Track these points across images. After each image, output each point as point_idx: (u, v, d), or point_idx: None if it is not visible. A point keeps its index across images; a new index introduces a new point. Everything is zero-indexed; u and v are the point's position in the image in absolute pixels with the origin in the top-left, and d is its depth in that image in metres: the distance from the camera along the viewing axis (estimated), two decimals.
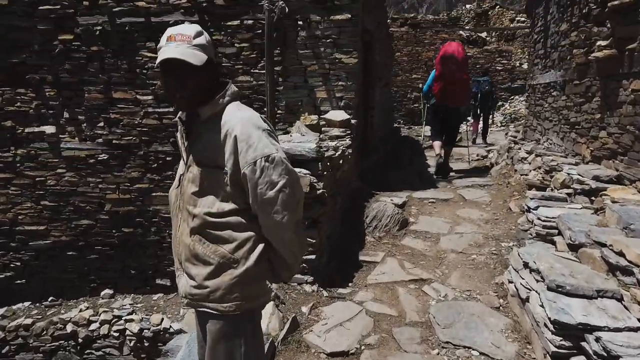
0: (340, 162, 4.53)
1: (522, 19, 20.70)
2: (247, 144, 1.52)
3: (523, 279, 3.05)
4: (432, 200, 5.71)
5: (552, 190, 4.75)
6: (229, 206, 1.57)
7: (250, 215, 1.59)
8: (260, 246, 1.61)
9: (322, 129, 5.36)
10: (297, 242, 1.65)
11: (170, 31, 1.55)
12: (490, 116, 11.77)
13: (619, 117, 4.13)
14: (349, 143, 5.12)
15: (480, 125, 11.08)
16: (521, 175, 5.82)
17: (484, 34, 21.59)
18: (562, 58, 5.63)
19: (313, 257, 3.46)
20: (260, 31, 5.67)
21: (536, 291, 2.80)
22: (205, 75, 1.56)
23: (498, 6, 23.22)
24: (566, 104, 5.48)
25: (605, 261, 2.88)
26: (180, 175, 1.69)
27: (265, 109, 5.67)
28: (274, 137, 1.62)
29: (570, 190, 4.40)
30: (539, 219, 3.87)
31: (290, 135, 4.58)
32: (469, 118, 17.58)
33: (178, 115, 1.71)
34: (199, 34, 1.56)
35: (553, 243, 3.64)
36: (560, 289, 2.58)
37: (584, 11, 4.78)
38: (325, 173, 3.74)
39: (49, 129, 5.98)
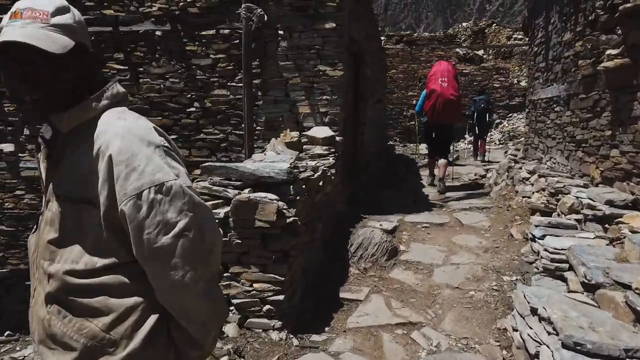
0: (321, 183, 4.02)
1: (519, 36, 20.49)
2: (128, 167, 1.02)
3: (531, 328, 2.51)
4: (425, 225, 5.20)
5: (558, 215, 4.24)
6: (103, 260, 1.06)
7: (136, 271, 1.08)
8: (153, 318, 1.09)
9: (304, 146, 4.87)
10: (207, 310, 1.12)
11: (17, 5, 1.05)
12: (488, 134, 11.87)
13: (633, 134, 3.65)
14: (333, 162, 4.62)
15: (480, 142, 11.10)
16: (523, 197, 5.32)
17: (480, 52, 21.38)
18: (565, 70, 5.19)
19: (281, 297, 2.92)
20: (237, 41, 5.23)
21: (548, 346, 2.26)
22: (70, 68, 1.06)
23: (495, 24, 23.07)
24: (571, 120, 5.01)
25: (631, 308, 2.35)
26: (39, 214, 1.18)
27: (242, 125, 5.19)
28: (174, 156, 1.12)
29: (579, 216, 3.89)
30: (546, 250, 3.36)
31: (265, 154, 4.09)
32: (466, 136, 17.23)
33: (41, 130, 1.20)
34: (61, 10, 1.06)
35: (563, 280, 3.12)
36: (579, 348, 2.05)
37: (590, 18, 4.34)
38: (298, 197, 3.23)
39: (7, 147, 5.49)
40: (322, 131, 4.96)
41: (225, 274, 2.98)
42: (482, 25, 22.93)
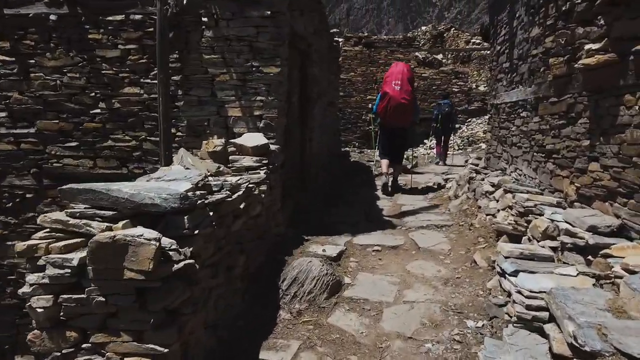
0: (242, 206, 3.18)
1: (478, 40, 20.39)
2: None
3: None
4: (377, 248, 4.45)
5: (530, 240, 3.58)
6: None
7: None
8: None
9: (231, 157, 4.02)
10: None
11: None
12: (450, 139, 11.93)
13: (618, 145, 3.02)
14: (264, 177, 3.79)
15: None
16: (487, 215, 4.67)
17: (439, 56, 21.15)
18: (533, 71, 4.58)
19: None
20: (152, 29, 4.32)
21: None
22: None
23: (454, 28, 22.96)
24: (540, 127, 4.40)
25: None
26: None
27: (158, 131, 4.28)
28: None
29: (555, 243, 3.23)
30: (519, 292, 2.65)
31: (170, 168, 3.21)
32: (426, 141, 16.84)
33: None
34: None
35: (543, 334, 2.41)
36: None
37: (563, 9, 3.72)
38: (198, 232, 2.38)
39: None
40: (253, 139, 4.12)
41: (83, 345, 2.09)
42: (441, 29, 22.76)
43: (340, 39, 19.26)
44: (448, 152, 11.39)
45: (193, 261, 2.27)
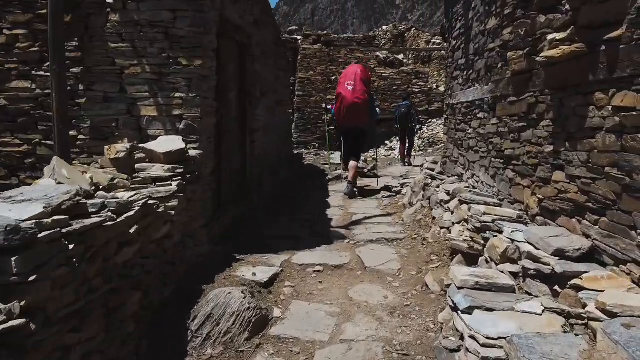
0: (135, 229, 2.52)
1: (438, 40, 20.25)
2: None
3: None
4: (318, 268, 3.88)
5: (487, 262, 3.08)
6: None
7: None
8: None
9: (137, 165, 3.33)
10: None
11: None
12: (414, 139, 12.18)
13: (587, 153, 2.55)
14: (175, 189, 3.13)
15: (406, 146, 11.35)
16: (441, 228, 4.17)
17: (400, 56, 20.92)
18: (490, 67, 4.11)
19: None
20: (45, 11, 3.58)
21: None
22: None
23: (414, 28, 22.80)
24: (498, 130, 3.93)
25: None
26: None
27: (53, 135, 3.54)
28: None
29: (517, 268, 2.74)
30: (474, 338, 2.12)
31: (38, 183, 2.52)
32: (387, 142, 16.49)
33: None
34: None
35: None
36: None
37: None
38: (36, 277, 1.70)
39: None
40: (168, 143, 3.45)
41: None
42: (402, 29, 22.54)
43: (299, 37, 18.65)
44: (412, 153, 11.58)
45: (24, 320, 1.61)
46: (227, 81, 4.85)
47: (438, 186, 5.15)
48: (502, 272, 2.78)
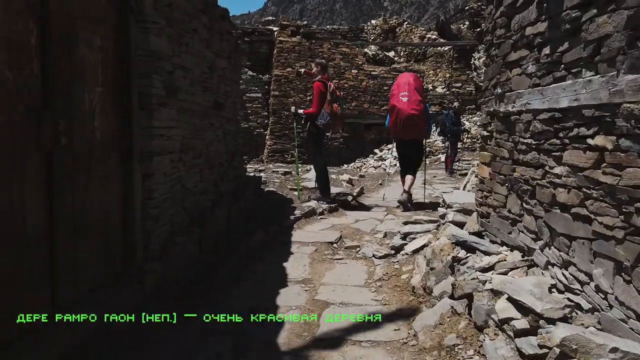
0: None
1: (433, 36, 17.90)
2: None
3: None
4: None
5: None
6: None
7: None
8: None
9: None
10: None
11: None
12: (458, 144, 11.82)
13: None
14: None
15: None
16: None
17: (391, 53, 18.52)
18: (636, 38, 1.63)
19: None
20: None
21: None
22: None
23: (407, 22, 20.45)
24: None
25: None
26: None
27: None
28: None
29: None
30: None
31: None
32: (377, 150, 14.00)
33: None
34: None
35: None
36: None
37: None
38: None
39: None
40: None
41: None
42: (393, 23, 20.14)
43: (275, 28, 16.15)
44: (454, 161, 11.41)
45: None
46: (73, 69, 2.32)
47: (484, 270, 2.67)
48: None
